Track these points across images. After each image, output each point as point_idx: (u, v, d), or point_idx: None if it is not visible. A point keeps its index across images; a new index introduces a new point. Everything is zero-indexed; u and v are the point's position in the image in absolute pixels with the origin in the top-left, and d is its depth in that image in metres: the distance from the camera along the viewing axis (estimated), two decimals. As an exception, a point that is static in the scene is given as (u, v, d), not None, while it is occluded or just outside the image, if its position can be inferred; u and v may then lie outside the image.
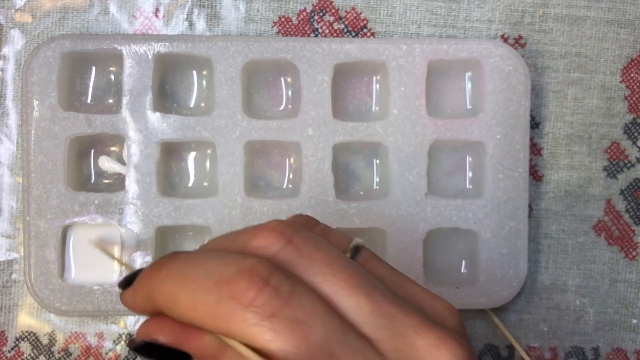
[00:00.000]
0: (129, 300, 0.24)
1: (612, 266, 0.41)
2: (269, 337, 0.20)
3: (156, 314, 0.23)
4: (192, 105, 0.39)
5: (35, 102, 0.37)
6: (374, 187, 0.40)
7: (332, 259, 0.22)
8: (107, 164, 0.38)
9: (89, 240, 0.37)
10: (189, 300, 0.21)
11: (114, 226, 0.37)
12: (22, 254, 0.39)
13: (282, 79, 0.40)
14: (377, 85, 0.40)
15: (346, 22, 0.40)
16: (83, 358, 0.39)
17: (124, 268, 0.36)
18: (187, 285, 0.21)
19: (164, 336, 0.22)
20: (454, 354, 0.21)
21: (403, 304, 0.22)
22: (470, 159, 0.40)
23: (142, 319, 0.39)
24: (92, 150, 0.39)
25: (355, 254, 0.24)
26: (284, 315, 0.20)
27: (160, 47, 0.37)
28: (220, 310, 0.20)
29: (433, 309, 0.23)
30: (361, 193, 0.40)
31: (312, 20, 0.40)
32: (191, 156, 0.40)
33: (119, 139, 0.38)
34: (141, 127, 0.37)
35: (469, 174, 0.40)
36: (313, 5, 0.40)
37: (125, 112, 0.37)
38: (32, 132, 0.37)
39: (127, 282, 0.24)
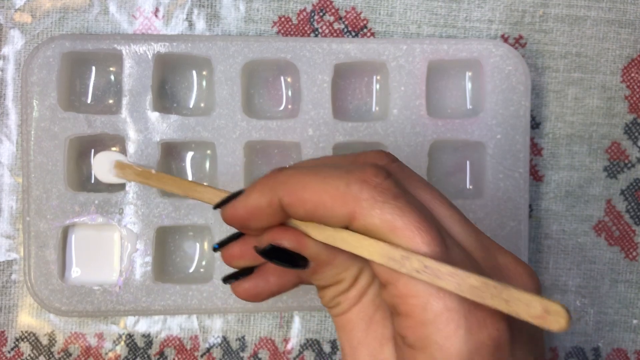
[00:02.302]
0: (242, 206, 0.25)
1: (613, 266, 0.41)
2: (397, 213, 0.22)
3: (275, 226, 0.25)
4: (192, 106, 0.39)
5: (35, 102, 0.37)
6: (374, 187, 0.40)
7: (425, 180, 0.26)
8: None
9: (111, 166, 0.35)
10: (320, 184, 0.23)
11: (113, 226, 0.37)
12: (22, 254, 0.39)
13: (282, 79, 0.40)
14: (377, 85, 0.40)
15: (346, 22, 0.40)
16: (83, 358, 0.39)
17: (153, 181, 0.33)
18: (318, 174, 0.24)
19: (288, 241, 0.25)
20: (529, 271, 0.25)
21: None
22: (470, 159, 0.40)
23: (143, 319, 0.39)
24: (92, 151, 0.39)
25: None
26: (406, 199, 0.23)
27: (160, 47, 0.37)
28: (350, 191, 0.23)
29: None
30: (361, 193, 0.40)
31: (312, 20, 0.40)
32: (191, 156, 0.40)
33: (119, 139, 0.38)
34: (141, 127, 0.37)
35: (469, 174, 0.40)
36: (313, 5, 0.40)
37: (125, 112, 0.37)
38: (32, 132, 0.37)
39: (230, 198, 0.26)
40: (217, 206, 0.27)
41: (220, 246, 0.28)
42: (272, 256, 0.25)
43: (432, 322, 0.22)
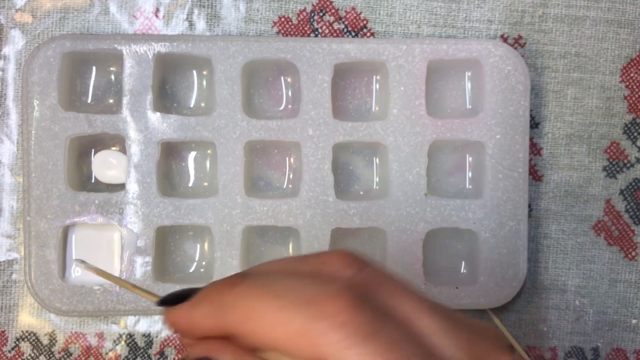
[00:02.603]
0: (183, 317, 0.22)
1: (612, 266, 0.41)
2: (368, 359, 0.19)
3: (214, 337, 0.22)
4: (192, 105, 0.39)
5: (36, 102, 0.37)
6: (374, 187, 0.40)
7: (403, 285, 0.22)
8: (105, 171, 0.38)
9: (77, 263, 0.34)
10: (273, 317, 0.20)
11: (113, 226, 0.38)
12: (22, 254, 0.39)
13: (282, 79, 0.40)
14: (377, 85, 0.40)
15: (346, 22, 0.40)
16: (83, 358, 0.39)
17: (131, 289, 0.31)
18: (272, 301, 0.20)
19: (226, 357, 0.21)
20: None
21: (473, 329, 0.22)
22: (470, 159, 0.40)
23: (143, 319, 0.39)
24: (93, 151, 0.39)
25: None
26: (383, 335, 0.19)
27: (161, 47, 0.37)
28: (309, 330, 0.19)
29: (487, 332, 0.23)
30: (361, 193, 0.40)
31: (312, 20, 0.40)
32: (191, 156, 0.40)
33: (120, 139, 0.38)
34: (141, 127, 0.37)
35: (469, 174, 0.40)
36: (313, 5, 0.40)
37: (125, 112, 0.37)
38: (33, 132, 0.37)
39: (176, 299, 0.23)
40: (161, 303, 0.24)
41: (162, 304, 0.24)
42: None
43: None
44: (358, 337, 0.19)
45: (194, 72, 0.39)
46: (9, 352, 0.39)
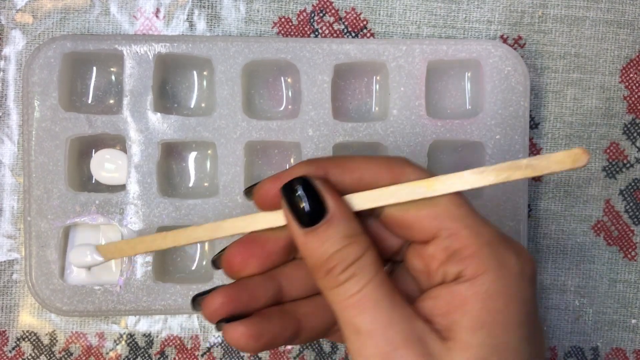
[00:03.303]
0: (288, 172, 0.26)
1: (611, 266, 0.41)
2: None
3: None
4: (192, 106, 0.40)
5: (36, 103, 0.37)
6: (374, 187, 0.40)
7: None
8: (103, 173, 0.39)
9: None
10: (364, 158, 0.26)
11: (114, 226, 0.38)
12: (23, 254, 0.39)
13: (282, 79, 0.40)
14: (377, 86, 0.40)
15: (346, 23, 0.40)
16: (84, 358, 0.39)
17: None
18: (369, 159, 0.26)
19: (337, 172, 0.26)
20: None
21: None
22: (469, 159, 0.40)
23: (144, 319, 0.39)
24: (93, 151, 0.39)
25: None
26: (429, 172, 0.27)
27: (161, 48, 0.37)
28: (394, 161, 0.26)
29: None
30: (361, 193, 0.40)
31: (312, 20, 0.40)
32: (192, 156, 0.40)
33: (120, 140, 0.38)
34: (142, 128, 0.37)
35: (469, 174, 0.40)
36: (313, 5, 0.40)
37: (126, 113, 0.37)
38: (33, 132, 0.37)
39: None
40: (250, 188, 0.27)
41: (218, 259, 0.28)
42: (295, 193, 0.24)
43: (488, 244, 0.24)
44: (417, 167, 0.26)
45: (195, 72, 0.39)
46: (10, 352, 0.39)
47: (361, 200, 0.25)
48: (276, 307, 0.27)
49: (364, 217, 0.26)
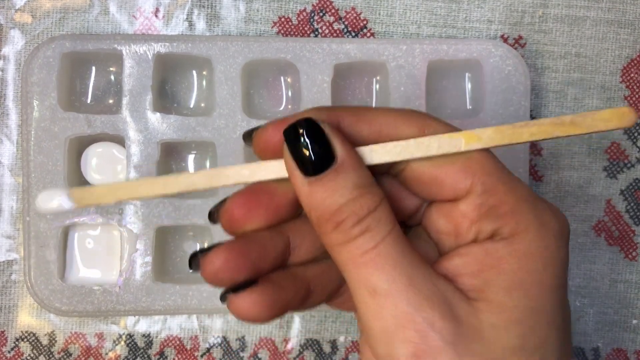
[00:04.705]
0: (299, 114, 0.23)
1: (612, 266, 0.41)
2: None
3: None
4: (192, 106, 0.39)
5: (35, 103, 0.37)
6: (374, 187, 0.40)
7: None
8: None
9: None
10: (381, 110, 0.24)
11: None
12: (22, 254, 0.39)
13: (282, 79, 0.40)
14: (377, 86, 0.40)
15: (346, 22, 0.40)
16: (83, 358, 0.39)
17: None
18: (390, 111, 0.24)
19: (349, 117, 0.23)
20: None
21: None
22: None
23: (143, 319, 0.39)
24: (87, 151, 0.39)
25: None
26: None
27: (160, 47, 0.37)
28: (414, 113, 0.24)
29: None
30: (361, 193, 0.40)
31: (312, 20, 0.40)
32: (191, 156, 0.40)
33: (119, 139, 0.38)
34: (141, 128, 0.37)
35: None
36: (313, 5, 0.40)
37: (125, 113, 0.37)
38: (32, 132, 0.37)
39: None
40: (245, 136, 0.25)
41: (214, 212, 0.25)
42: (299, 137, 0.22)
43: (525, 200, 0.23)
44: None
45: (194, 72, 0.39)
46: (9, 352, 0.39)
47: (383, 152, 0.22)
48: (285, 270, 0.24)
49: (377, 175, 0.23)
